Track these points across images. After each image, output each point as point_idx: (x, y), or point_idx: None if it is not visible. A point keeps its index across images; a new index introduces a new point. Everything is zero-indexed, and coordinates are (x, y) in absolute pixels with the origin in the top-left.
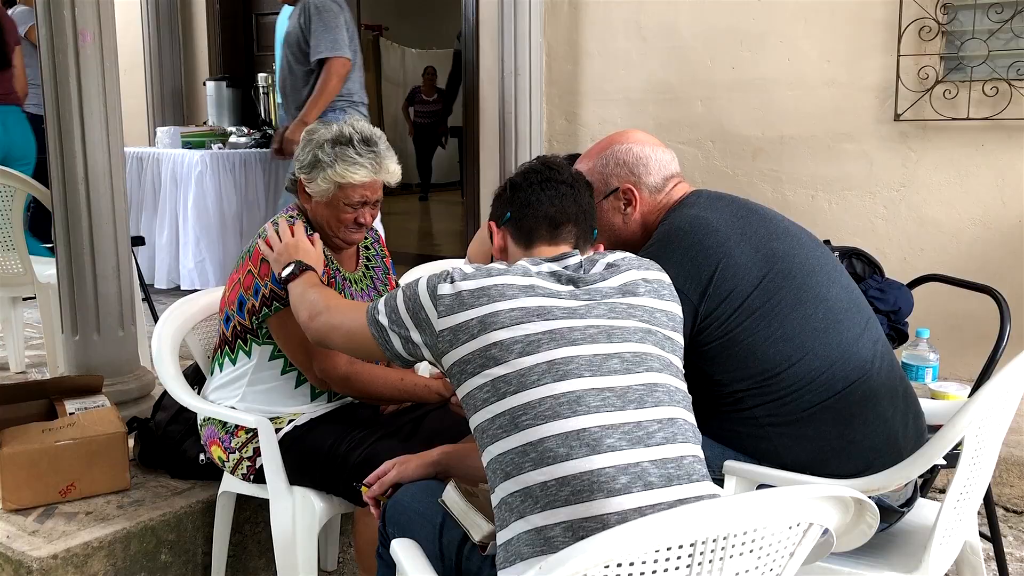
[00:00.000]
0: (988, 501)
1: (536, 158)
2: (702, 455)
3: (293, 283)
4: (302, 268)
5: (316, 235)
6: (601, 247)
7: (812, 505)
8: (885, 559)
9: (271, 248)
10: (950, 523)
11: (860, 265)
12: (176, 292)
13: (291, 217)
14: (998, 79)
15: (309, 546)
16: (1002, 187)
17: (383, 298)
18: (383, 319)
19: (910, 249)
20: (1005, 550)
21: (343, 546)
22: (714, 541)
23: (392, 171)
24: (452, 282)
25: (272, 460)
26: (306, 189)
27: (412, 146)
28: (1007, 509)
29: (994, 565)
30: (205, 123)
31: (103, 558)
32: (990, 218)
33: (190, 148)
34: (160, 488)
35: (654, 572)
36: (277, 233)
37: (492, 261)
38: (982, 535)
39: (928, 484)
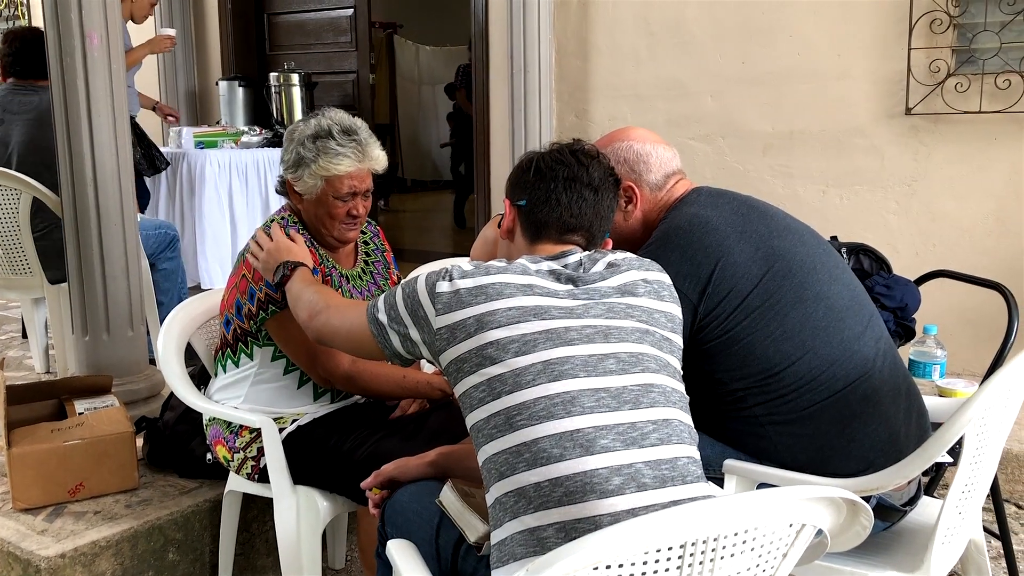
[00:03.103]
0: (996, 498)
1: (572, 142)
2: (698, 456)
3: (288, 285)
4: (291, 267)
5: (294, 230)
6: (610, 243)
7: (804, 506)
8: (888, 558)
9: (258, 259)
10: (952, 522)
11: (867, 261)
12: (195, 290)
13: (271, 220)
14: (1010, 71)
15: (313, 545)
16: (1016, 180)
17: (383, 296)
18: (382, 317)
19: (922, 244)
20: (1018, 548)
21: (350, 545)
22: (704, 543)
23: (376, 157)
24: (451, 280)
25: (276, 459)
26: (295, 188)
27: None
28: (1019, 506)
29: (1004, 563)
30: (218, 123)
31: (111, 557)
32: (1003, 212)
33: (203, 148)
34: (168, 487)
35: (644, 574)
36: (259, 245)
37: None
38: (991, 533)
39: (935, 482)
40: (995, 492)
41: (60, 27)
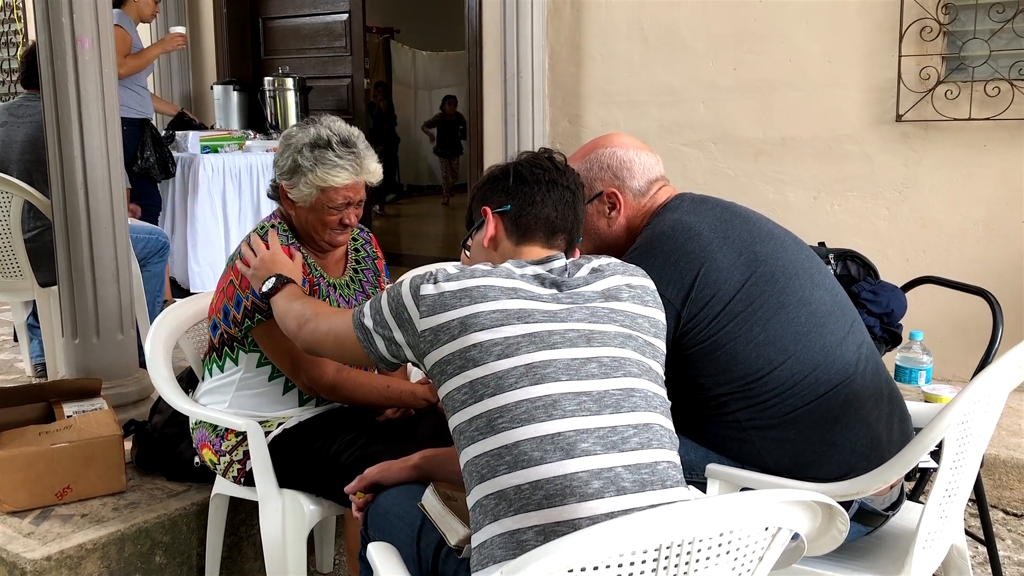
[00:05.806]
0: (982, 504)
1: (541, 149)
2: (678, 461)
3: (275, 297)
4: (283, 281)
5: (294, 247)
6: (577, 253)
7: (780, 509)
8: (870, 562)
9: (248, 266)
10: (933, 526)
11: (855, 267)
12: (184, 294)
13: (263, 227)
14: (1000, 79)
15: (298, 548)
16: (1004, 187)
17: (369, 301)
18: (368, 321)
19: (912, 250)
20: (1004, 554)
21: (338, 549)
22: (679, 545)
23: (373, 170)
24: (435, 283)
25: (261, 463)
26: (288, 195)
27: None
28: (1007, 512)
29: (990, 569)
30: (213, 127)
31: (97, 560)
32: (993, 219)
33: (208, 152)
34: (156, 490)
35: None
36: (252, 249)
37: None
38: (977, 539)
39: (920, 487)
40: (980, 498)
41: (51, 31)
